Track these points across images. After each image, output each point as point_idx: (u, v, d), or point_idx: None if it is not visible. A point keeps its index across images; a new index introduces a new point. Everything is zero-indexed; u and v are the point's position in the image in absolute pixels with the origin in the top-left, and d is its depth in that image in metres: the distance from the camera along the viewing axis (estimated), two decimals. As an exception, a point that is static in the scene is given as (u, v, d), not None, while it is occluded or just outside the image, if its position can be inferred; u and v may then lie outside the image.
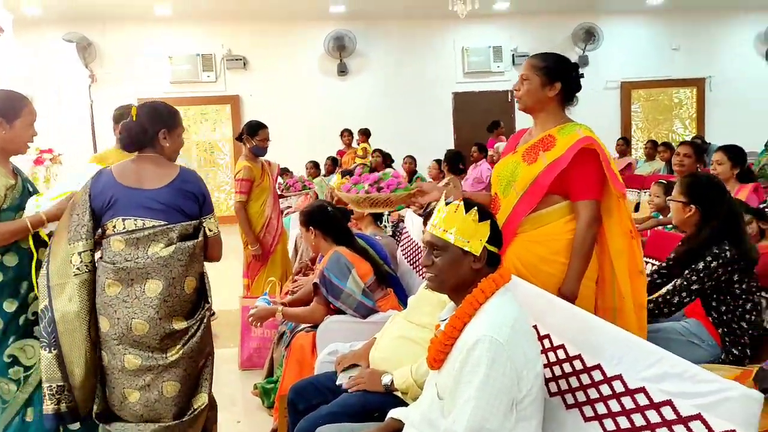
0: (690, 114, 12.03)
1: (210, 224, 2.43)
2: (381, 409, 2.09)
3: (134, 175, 2.37)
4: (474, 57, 11.22)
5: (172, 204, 2.32)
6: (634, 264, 2.35)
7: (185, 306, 2.34)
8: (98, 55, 10.19)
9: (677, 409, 1.42)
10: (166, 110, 2.45)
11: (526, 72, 2.41)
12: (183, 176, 2.39)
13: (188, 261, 2.31)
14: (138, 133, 2.39)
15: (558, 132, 2.37)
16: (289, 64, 10.76)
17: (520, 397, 1.60)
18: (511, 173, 2.42)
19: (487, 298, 1.71)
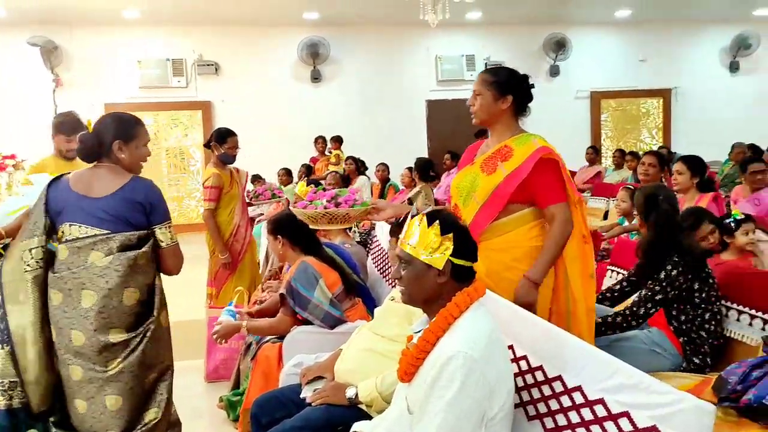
0: (657, 124, 12.26)
1: (162, 234, 2.35)
2: (345, 423, 2.08)
3: (86, 182, 2.33)
4: (447, 65, 11.29)
5: (117, 213, 2.27)
6: (586, 268, 2.46)
7: (125, 318, 2.27)
8: (65, 59, 10.01)
9: (634, 421, 1.43)
10: (123, 121, 2.40)
11: (478, 87, 2.51)
12: (131, 185, 2.33)
13: (127, 272, 2.24)
14: (93, 144, 2.35)
15: (514, 142, 2.46)
16: (261, 71, 10.70)
17: (492, 414, 1.59)
18: (470, 184, 2.49)
19: (462, 312, 1.70)
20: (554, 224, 2.39)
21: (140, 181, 2.36)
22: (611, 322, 2.71)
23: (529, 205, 2.44)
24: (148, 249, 2.31)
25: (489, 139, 2.60)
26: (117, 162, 2.37)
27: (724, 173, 8.04)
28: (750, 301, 2.69)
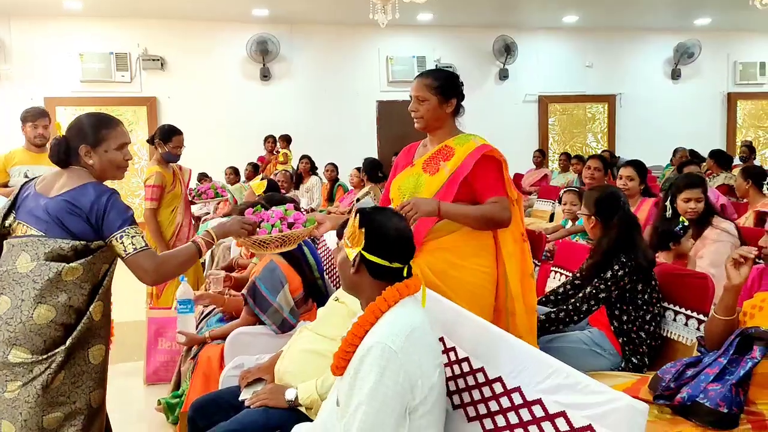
0: (602, 128, 12.58)
1: (119, 245, 2.07)
2: (283, 425, 2.03)
3: (49, 182, 2.17)
4: (398, 66, 11.32)
5: (54, 216, 2.04)
6: (525, 266, 2.49)
7: (31, 338, 1.99)
8: (3, 51, 9.60)
9: (570, 421, 1.43)
10: (90, 124, 2.19)
11: (422, 93, 2.48)
12: (80, 189, 2.08)
13: (46, 285, 1.99)
14: (60, 150, 2.16)
15: (454, 142, 2.48)
16: (209, 67, 10.49)
17: (414, 405, 1.59)
18: (414, 185, 2.49)
19: (390, 307, 1.70)
20: (492, 203, 2.40)
21: (92, 187, 2.10)
22: (554, 318, 2.76)
23: (472, 203, 2.45)
24: (79, 266, 2.04)
25: (427, 141, 2.61)
26: (89, 168, 2.18)
27: (665, 177, 8.30)
28: (686, 302, 2.76)
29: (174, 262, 2.19)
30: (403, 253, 1.79)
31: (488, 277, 2.47)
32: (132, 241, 2.08)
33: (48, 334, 2.01)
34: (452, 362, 1.94)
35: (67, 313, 2.03)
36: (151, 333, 3.93)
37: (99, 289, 2.10)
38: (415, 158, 2.60)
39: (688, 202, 3.52)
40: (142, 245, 2.09)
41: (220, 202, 7.48)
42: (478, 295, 2.42)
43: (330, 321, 2.41)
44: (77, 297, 2.05)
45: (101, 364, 2.15)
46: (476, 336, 1.88)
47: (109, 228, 2.06)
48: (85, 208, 2.05)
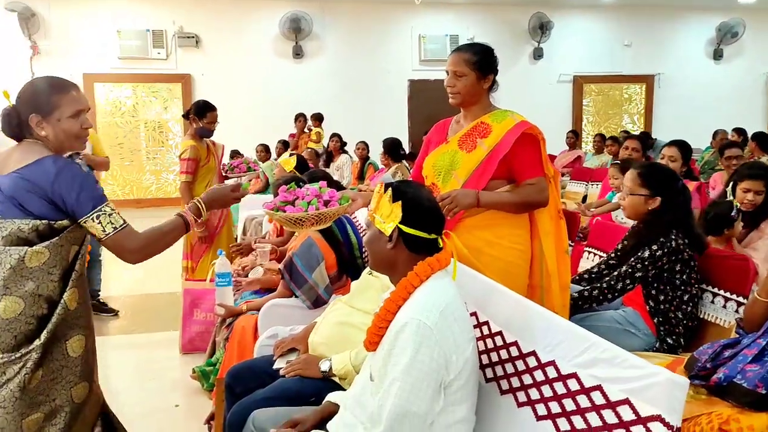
0: (639, 110, 12.34)
1: (93, 227, 1.86)
2: (318, 395, 2.06)
3: (3, 160, 1.92)
4: (431, 45, 11.22)
5: (10, 196, 1.81)
6: (560, 244, 2.47)
7: (0, 335, 1.79)
8: (42, 27, 9.78)
9: (606, 394, 1.43)
10: (42, 89, 1.93)
11: (460, 68, 2.43)
12: (36, 164, 1.83)
13: (8, 274, 1.78)
14: (12, 123, 1.92)
15: (490, 119, 2.44)
16: (243, 45, 10.55)
17: (449, 380, 1.59)
18: (449, 162, 2.45)
19: (422, 282, 1.71)
20: (529, 185, 2.39)
21: (51, 162, 1.85)
22: (587, 295, 2.73)
23: (508, 181, 2.43)
24: (44, 249, 1.81)
25: (461, 117, 2.57)
26: (44, 140, 1.93)
27: (704, 160, 8.12)
28: (725, 284, 2.71)
29: (161, 239, 2.00)
30: (437, 224, 1.81)
31: (523, 255, 2.45)
32: (110, 219, 1.87)
33: (18, 329, 1.80)
34: (485, 336, 1.95)
35: (37, 304, 1.82)
36: (186, 304, 4.02)
37: (71, 275, 1.88)
38: (449, 135, 2.56)
39: (747, 193, 3.39)
40: (121, 223, 1.90)
41: (252, 178, 7.57)
42: (513, 273, 2.40)
43: (364, 294, 2.43)
44: (46, 285, 1.83)
45: (82, 356, 1.94)
46: (510, 310, 1.88)
47: (81, 209, 1.85)
48: (44, 186, 1.81)
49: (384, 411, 1.56)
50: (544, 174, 2.42)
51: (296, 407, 2.05)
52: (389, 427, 1.54)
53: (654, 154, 7.56)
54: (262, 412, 2.04)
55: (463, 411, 1.64)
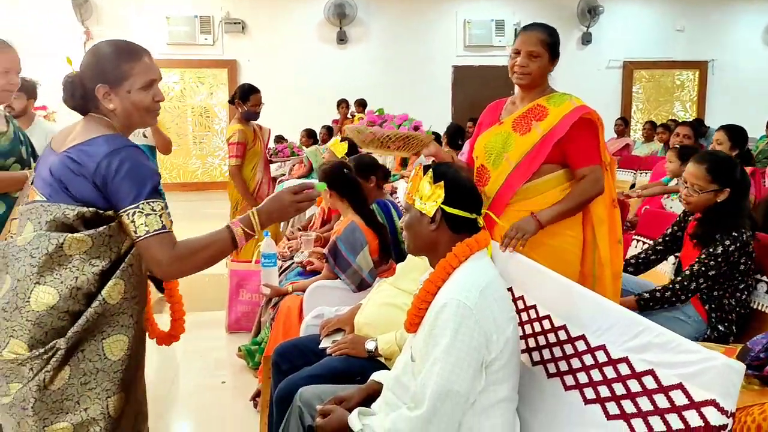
0: (691, 97, 11.97)
1: (131, 222, 1.57)
2: (363, 374, 2.09)
3: (63, 135, 1.72)
4: (476, 30, 11.09)
5: (57, 178, 1.60)
6: (614, 233, 2.41)
7: (29, 328, 1.56)
8: (95, 13, 10.02)
9: (659, 379, 1.41)
10: (110, 55, 1.68)
11: (536, 48, 2.35)
12: (89, 145, 1.60)
13: (45, 261, 1.55)
14: (75, 92, 1.68)
15: (547, 101, 2.37)
16: (288, 31, 10.61)
17: (489, 359, 1.60)
18: (502, 144, 2.39)
19: (461, 262, 1.71)
20: (583, 180, 2.33)
21: (104, 141, 1.61)
22: (659, 296, 2.67)
23: (561, 166, 2.37)
24: (87, 237, 1.58)
25: (517, 98, 2.50)
26: (109, 114, 1.69)
27: (759, 149, 7.85)
28: (780, 274, 2.64)
29: (200, 254, 1.64)
30: (477, 203, 1.82)
31: (574, 241, 2.40)
32: (147, 220, 1.57)
33: (49, 324, 1.57)
34: (532, 320, 1.94)
35: (74, 298, 1.58)
36: (232, 285, 4.10)
37: (119, 266, 1.62)
38: (503, 116, 2.50)
39: None
40: (157, 228, 1.57)
41: (295, 163, 7.64)
42: (564, 260, 2.34)
43: (409, 276, 2.44)
44: (87, 277, 1.58)
45: (123, 360, 1.66)
46: (558, 294, 1.86)
47: (120, 200, 1.58)
48: (89, 167, 1.57)
49: (426, 391, 1.57)
50: (600, 162, 2.35)
51: (342, 385, 2.08)
52: (432, 406, 1.55)
53: (706, 143, 7.35)
54: (309, 389, 2.07)
55: (505, 390, 1.65)
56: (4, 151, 2.53)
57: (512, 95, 2.56)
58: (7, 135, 2.54)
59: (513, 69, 2.38)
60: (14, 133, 2.60)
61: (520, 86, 2.42)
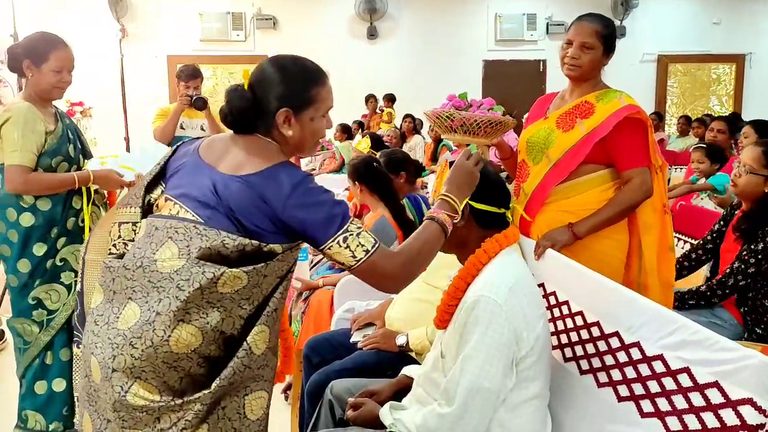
0: (728, 91, 11.69)
1: (339, 253, 1.44)
2: (394, 368, 2.10)
3: (218, 150, 1.53)
4: (507, 24, 10.99)
5: (227, 202, 1.43)
6: (664, 240, 2.27)
7: (162, 370, 1.37)
8: (129, 10, 10.19)
9: (694, 377, 1.39)
10: (298, 76, 1.53)
11: (591, 39, 2.23)
12: (270, 176, 1.44)
13: (195, 296, 1.36)
14: (246, 108, 1.50)
15: (596, 99, 2.26)
16: (319, 26, 10.66)
17: (520, 357, 1.59)
18: (544, 140, 2.29)
19: (490, 259, 1.70)
20: (627, 186, 2.21)
21: (285, 173, 1.45)
22: (695, 290, 2.63)
23: (605, 166, 2.26)
24: (243, 275, 1.39)
25: (566, 92, 2.39)
26: (280, 139, 1.53)
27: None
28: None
29: (420, 252, 1.54)
30: (505, 198, 1.80)
31: (617, 244, 2.27)
32: (360, 241, 1.44)
33: (187, 369, 1.39)
34: (564, 316, 1.93)
35: (216, 342, 1.40)
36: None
37: (263, 311, 1.45)
38: (550, 110, 2.39)
39: None
40: (373, 243, 1.46)
41: (326, 158, 7.69)
42: (606, 264, 2.19)
43: (440, 272, 2.43)
44: (233, 320, 1.41)
45: (262, 419, 1.50)
46: (591, 290, 1.84)
47: (324, 232, 1.44)
48: (276, 204, 1.42)
49: (457, 387, 1.57)
50: (648, 164, 2.21)
51: (372, 379, 2.10)
52: (462, 403, 1.55)
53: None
54: (340, 383, 2.10)
55: (536, 388, 1.64)
56: (51, 150, 2.54)
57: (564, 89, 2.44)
58: (55, 133, 2.57)
59: (563, 60, 2.28)
60: (63, 131, 2.62)
61: (570, 78, 2.32)
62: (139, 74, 9.79)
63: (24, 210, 2.53)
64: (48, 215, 2.56)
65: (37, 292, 2.58)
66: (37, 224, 2.54)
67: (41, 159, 2.51)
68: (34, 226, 2.54)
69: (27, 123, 2.46)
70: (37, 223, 2.54)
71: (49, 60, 2.50)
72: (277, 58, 1.56)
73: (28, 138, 2.45)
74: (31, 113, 2.48)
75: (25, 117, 2.46)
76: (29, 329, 2.60)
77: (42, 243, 2.56)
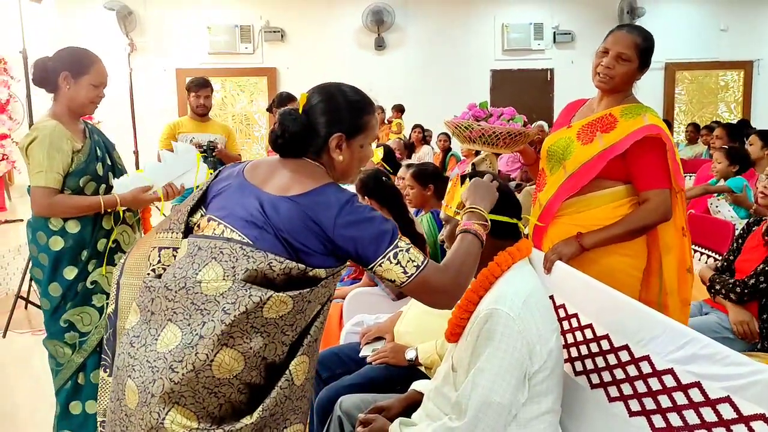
0: (736, 98, 11.64)
1: (387, 270, 1.43)
2: (403, 383, 2.10)
3: (264, 172, 1.53)
4: (514, 34, 11.00)
5: (278, 224, 1.41)
6: (683, 261, 2.21)
7: (203, 396, 1.33)
8: (138, 24, 10.28)
9: (705, 392, 1.39)
10: (353, 104, 1.57)
11: (628, 51, 2.15)
12: (318, 195, 1.44)
13: (239, 320, 1.33)
14: (299, 131, 1.51)
15: (621, 113, 2.17)
16: (326, 37, 10.72)
17: (533, 371, 1.58)
18: (563, 151, 2.23)
19: (503, 272, 1.69)
20: (642, 206, 2.14)
21: (333, 192, 1.46)
22: (718, 279, 2.61)
23: (623, 182, 2.19)
24: (289, 299, 1.37)
25: (595, 102, 2.31)
26: (328, 163, 1.55)
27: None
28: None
29: (467, 264, 1.54)
30: (517, 208, 1.81)
31: (633, 262, 2.21)
32: (410, 256, 1.43)
33: (228, 396, 1.35)
34: (573, 328, 1.91)
35: (258, 369, 1.37)
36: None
37: (305, 339, 1.43)
38: (575, 118, 2.31)
39: None
40: (422, 259, 1.45)
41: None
42: (621, 281, 2.11)
43: (448, 284, 2.44)
44: (276, 346, 1.38)
45: None
46: (600, 302, 1.84)
47: (374, 250, 1.43)
48: (326, 223, 1.41)
49: (468, 402, 1.56)
50: (668, 185, 2.13)
51: (382, 394, 2.09)
52: (474, 416, 1.54)
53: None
54: (349, 398, 2.09)
55: (549, 403, 1.63)
56: (78, 170, 2.48)
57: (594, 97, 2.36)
58: (82, 151, 2.51)
59: (596, 69, 2.20)
60: (91, 149, 2.55)
61: (600, 89, 2.24)
62: (148, 88, 9.86)
63: (53, 233, 2.49)
64: (77, 237, 2.51)
65: (69, 315, 2.53)
66: (67, 247, 2.49)
67: (68, 179, 2.47)
68: (64, 249, 2.48)
69: (52, 143, 2.41)
70: (66, 246, 2.49)
71: (90, 73, 2.48)
72: (331, 85, 1.60)
73: (53, 158, 2.40)
74: (57, 132, 2.44)
75: (50, 136, 2.42)
76: (62, 351, 2.56)
77: (72, 266, 2.52)
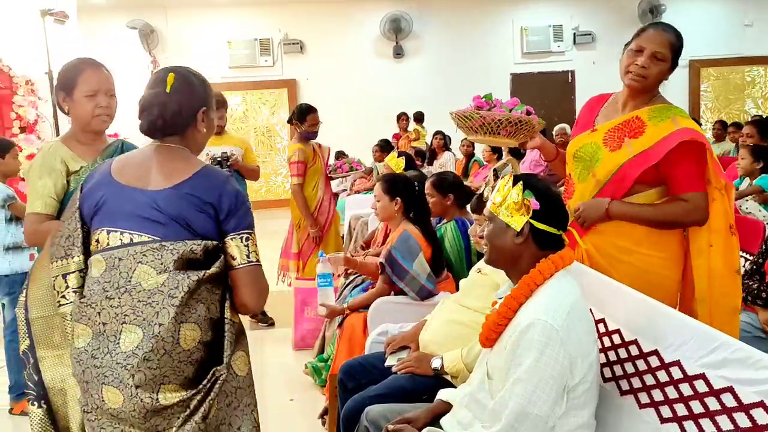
0: (763, 93, 11.44)
1: (237, 248, 1.61)
2: (429, 392, 2.08)
3: (138, 169, 1.64)
4: (533, 36, 10.97)
5: (174, 214, 1.56)
6: (730, 262, 2.09)
7: (182, 369, 1.52)
8: (160, 41, 10.47)
9: (738, 397, 1.35)
10: (204, 82, 1.76)
11: (663, 50, 2.06)
12: (200, 176, 1.61)
13: (186, 299, 1.51)
14: (172, 112, 1.64)
15: (649, 116, 2.11)
16: (345, 47, 10.79)
17: (573, 384, 1.55)
18: (590, 157, 2.17)
19: (545, 280, 1.66)
20: (681, 203, 2.07)
21: (213, 173, 1.64)
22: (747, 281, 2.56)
23: (656, 185, 2.12)
24: (218, 269, 1.58)
25: (619, 99, 2.23)
26: (190, 139, 1.70)
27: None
28: None
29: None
30: (564, 220, 1.76)
31: (668, 263, 2.12)
32: (255, 249, 1.64)
33: (197, 359, 1.56)
34: (601, 334, 1.88)
35: (209, 328, 1.58)
36: (297, 302, 4.17)
37: (226, 289, 1.64)
38: (599, 120, 2.24)
39: None
40: (258, 258, 1.65)
41: (356, 178, 7.71)
42: (656, 284, 2.06)
43: (472, 292, 2.42)
44: (214, 305, 1.60)
45: (249, 374, 1.69)
46: (628, 308, 1.81)
47: (235, 224, 1.62)
48: (212, 200, 1.59)
49: (505, 410, 1.53)
50: (703, 189, 2.07)
51: (409, 404, 2.08)
52: (509, 424, 1.52)
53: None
54: (376, 408, 2.08)
55: (585, 416, 1.59)
56: (72, 192, 2.17)
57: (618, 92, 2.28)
58: (79, 173, 2.22)
59: (628, 68, 2.10)
60: None
61: (631, 89, 2.15)
62: (172, 103, 10.03)
63: None
64: None
65: None
66: None
67: (65, 202, 2.18)
68: None
69: (44, 164, 2.19)
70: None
71: (78, 85, 2.19)
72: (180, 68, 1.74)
73: (44, 181, 2.18)
74: (51, 152, 2.22)
75: (43, 158, 2.22)
76: None
77: None
